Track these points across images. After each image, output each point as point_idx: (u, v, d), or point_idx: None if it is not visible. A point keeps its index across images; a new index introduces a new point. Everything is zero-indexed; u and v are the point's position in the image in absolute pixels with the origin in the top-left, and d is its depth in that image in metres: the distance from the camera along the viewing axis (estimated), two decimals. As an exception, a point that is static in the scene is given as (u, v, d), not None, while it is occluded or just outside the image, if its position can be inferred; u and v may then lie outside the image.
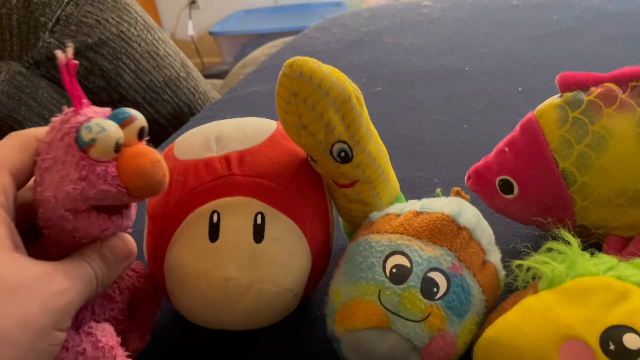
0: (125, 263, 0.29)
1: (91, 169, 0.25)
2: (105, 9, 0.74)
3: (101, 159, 0.25)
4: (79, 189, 0.25)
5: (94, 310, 0.30)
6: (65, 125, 0.26)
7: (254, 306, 0.32)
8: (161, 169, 0.26)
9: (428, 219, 0.33)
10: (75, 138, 0.25)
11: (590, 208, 0.36)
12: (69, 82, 0.26)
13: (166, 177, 0.27)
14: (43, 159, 0.26)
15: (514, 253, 0.39)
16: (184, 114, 0.87)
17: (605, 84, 0.35)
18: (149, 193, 0.26)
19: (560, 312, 0.28)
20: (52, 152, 0.26)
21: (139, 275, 0.35)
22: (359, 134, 0.34)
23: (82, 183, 0.25)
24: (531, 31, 0.88)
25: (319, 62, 0.32)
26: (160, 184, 0.26)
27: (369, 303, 0.30)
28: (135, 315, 0.35)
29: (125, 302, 0.33)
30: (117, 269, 0.29)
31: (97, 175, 0.25)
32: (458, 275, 0.31)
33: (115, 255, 0.28)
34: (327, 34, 1.02)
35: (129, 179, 0.26)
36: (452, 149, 0.59)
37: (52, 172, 0.26)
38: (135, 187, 0.26)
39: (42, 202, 0.26)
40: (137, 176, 0.25)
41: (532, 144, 0.36)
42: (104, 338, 0.28)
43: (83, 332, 0.28)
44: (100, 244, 0.28)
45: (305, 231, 0.34)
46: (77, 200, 0.25)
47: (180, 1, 2.87)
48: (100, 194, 0.25)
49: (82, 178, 0.25)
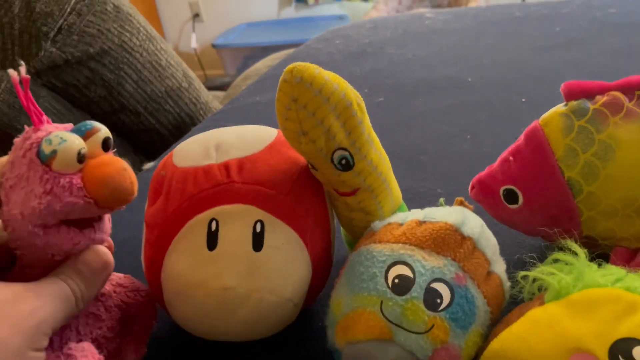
0: (102, 275, 0.29)
1: (55, 181, 0.25)
2: (107, 19, 0.74)
3: (65, 171, 0.25)
4: (44, 203, 0.25)
5: (79, 330, 0.29)
6: (26, 142, 0.25)
7: (253, 316, 0.31)
8: (127, 176, 0.26)
9: (431, 229, 0.32)
10: (37, 153, 0.25)
11: (596, 218, 0.35)
12: (24, 99, 0.25)
13: (134, 184, 0.26)
14: (7, 178, 0.26)
15: (519, 264, 0.38)
16: (185, 124, 0.87)
17: (611, 92, 0.35)
18: (117, 202, 0.26)
19: (567, 325, 0.27)
20: (15, 171, 0.26)
21: (128, 290, 0.34)
22: (360, 141, 0.33)
23: (48, 197, 0.25)
24: (534, 42, 0.88)
25: (320, 68, 0.31)
26: (128, 191, 0.26)
27: (370, 314, 0.29)
28: (130, 329, 0.35)
29: (114, 320, 0.32)
30: (96, 282, 0.28)
31: (62, 187, 0.25)
32: (462, 286, 0.30)
33: (90, 268, 0.28)
34: (329, 45, 1.02)
35: (95, 189, 0.25)
36: (455, 159, 0.58)
37: (17, 189, 0.25)
38: (102, 196, 0.25)
39: (10, 222, 0.26)
40: (103, 185, 0.25)
41: (537, 153, 0.36)
42: (84, 359, 0.27)
43: (63, 354, 0.27)
44: (75, 259, 0.27)
45: (305, 240, 0.34)
46: (45, 215, 0.25)
47: (183, 14, 2.89)
48: (67, 207, 0.25)
49: (47, 192, 0.25)
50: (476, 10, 1.10)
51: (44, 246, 0.26)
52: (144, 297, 0.35)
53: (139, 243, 0.38)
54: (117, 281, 0.34)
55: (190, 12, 2.88)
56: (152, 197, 0.36)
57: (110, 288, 0.33)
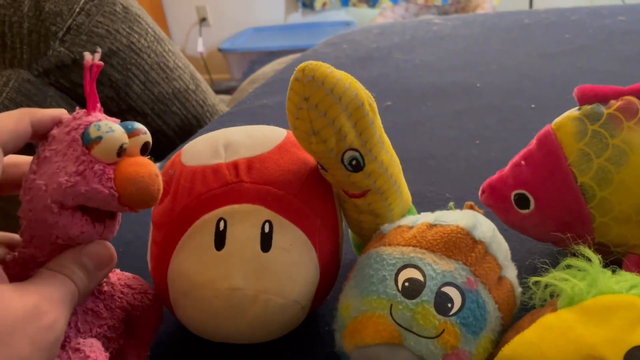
0: (105, 270, 0.29)
1: (89, 165, 0.25)
2: (116, 19, 0.74)
3: (102, 159, 0.25)
4: (72, 182, 0.25)
5: (78, 328, 0.29)
6: (75, 121, 0.26)
7: (260, 318, 0.31)
8: (158, 182, 0.27)
9: (442, 232, 0.32)
10: (82, 134, 0.26)
11: (609, 225, 0.35)
12: (89, 83, 0.27)
13: (160, 192, 0.27)
14: (44, 149, 0.27)
15: (530, 270, 0.37)
16: (192, 126, 0.87)
17: (625, 97, 0.34)
18: (140, 203, 0.26)
19: (581, 332, 0.27)
20: (54, 144, 0.26)
21: (136, 292, 0.33)
22: (371, 142, 0.33)
23: (77, 177, 0.25)
24: (543, 49, 0.87)
25: (332, 67, 0.31)
26: (154, 196, 0.26)
27: (380, 318, 0.29)
28: (133, 332, 0.34)
29: (116, 320, 0.32)
30: (97, 277, 0.28)
31: (94, 172, 0.25)
32: (473, 291, 0.30)
33: (95, 263, 0.28)
34: (337, 50, 1.02)
35: (124, 184, 0.26)
36: (464, 163, 0.57)
37: (50, 162, 0.26)
38: (127, 193, 0.26)
39: (30, 191, 0.26)
40: (132, 182, 0.25)
41: (549, 158, 0.35)
42: (92, 354, 0.27)
43: (70, 348, 0.27)
44: (79, 251, 0.27)
45: (314, 241, 0.33)
46: (67, 194, 0.25)
47: (190, 18, 2.90)
48: (91, 193, 0.25)
49: (79, 173, 0.25)
50: (484, 17, 1.09)
51: (52, 224, 0.26)
52: (150, 300, 0.34)
53: (144, 244, 0.38)
54: (126, 282, 0.33)
55: (197, 16, 2.89)
56: (159, 196, 0.36)
57: (116, 288, 0.32)
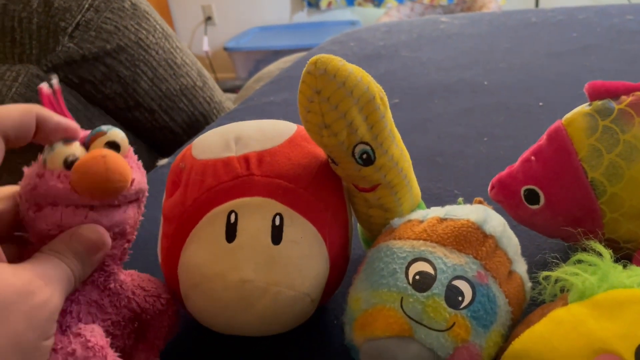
0: (98, 255, 0.28)
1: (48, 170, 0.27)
2: (124, 16, 0.74)
3: (54, 170, 0.28)
4: (31, 184, 0.27)
5: (80, 318, 0.29)
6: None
7: (270, 310, 0.31)
8: (102, 163, 0.27)
9: (453, 226, 0.32)
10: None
11: (619, 220, 0.35)
12: (60, 112, 0.28)
13: (109, 171, 0.27)
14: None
15: (540, 265, 0.37)
16: (199, 122, 0.87)
17: (636, 92, 0.34)
18: (90, 188, 0.27)
19: (592, 326, 0.27)
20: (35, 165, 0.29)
21: (148, 295, 0.33)
22: (382, 135, 0.33)
23: (37, 179, 0.27)
24: (551, 48, 0.87)
25: (344, 60, 0.31)
26: (101, 177, 0.27)
27: (390, 311, 0.29)
28: (144, 335, 0.34)
29: (122, 318, 0.32)
30: (92, 262, 0.28)
31: (51, 173, 0.27)
32: (484, 285, 0.30)
33: (84, 246, 0.28)
34: (344, 47, 1.02)
35: (72, 177, 0.27)
36: (472, 160, 0.57)
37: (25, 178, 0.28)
38: (73, 180, 0.27)
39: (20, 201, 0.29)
40: (74, 170, 0.27)
41: (560, 153, 0.35)
42: (93, 338, 0.27)
43: (72, 333, 0.27)
44: (69, 237, 0.27)
45: (324, 235, 0.33)
46: (34, 196, 0.27)
47: (196, 17, 2.90)
48: (52, 190, 0.27)
49: (40, 175, 0.27)
50: (491, 16, 1.09)
51: (34, 220, 0.27)
52: (164, 305, 0.34)
53: (154, 239, 0.38)
54: (140, 283, 0.33)
55: (203, 15, 2.89)
56: (170, 189, 0.36)
57: (127, 287, 0.32)
